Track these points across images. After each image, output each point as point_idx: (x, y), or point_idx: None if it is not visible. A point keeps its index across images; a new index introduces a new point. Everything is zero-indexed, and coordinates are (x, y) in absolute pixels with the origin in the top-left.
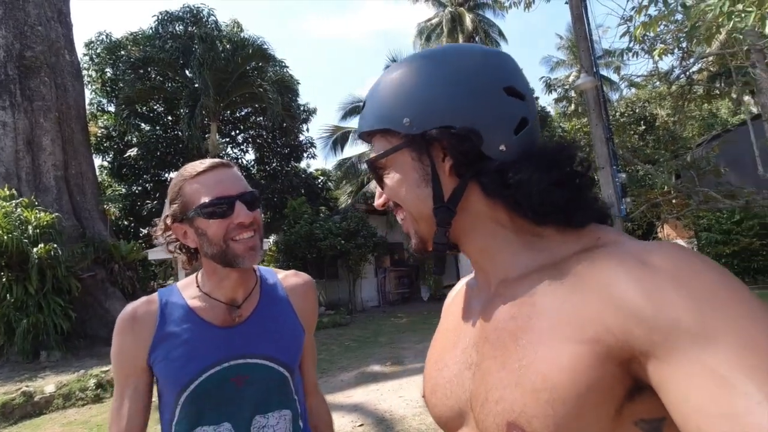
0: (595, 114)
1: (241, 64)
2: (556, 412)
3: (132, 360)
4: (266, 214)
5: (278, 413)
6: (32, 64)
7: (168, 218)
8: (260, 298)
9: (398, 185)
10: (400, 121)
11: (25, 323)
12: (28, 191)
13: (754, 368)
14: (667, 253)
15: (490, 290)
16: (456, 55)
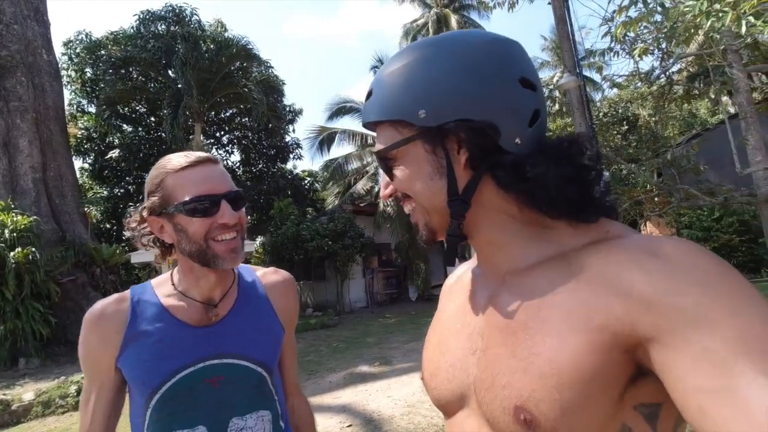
0: (578, 113)
1: (226, 64)
2: (562, 396)
3: (98, 360)
4: (252, 216)
5: (256, 414)
6: (8, 64)
7: (145, 210)
8: (238, 297)
9: (411, 177)
10: (415, 113)
11: (2, 330)
12: (4, 194)
13: (750, 349)
14: (673, 246)
15: (498, 280)
16: (469, 44)
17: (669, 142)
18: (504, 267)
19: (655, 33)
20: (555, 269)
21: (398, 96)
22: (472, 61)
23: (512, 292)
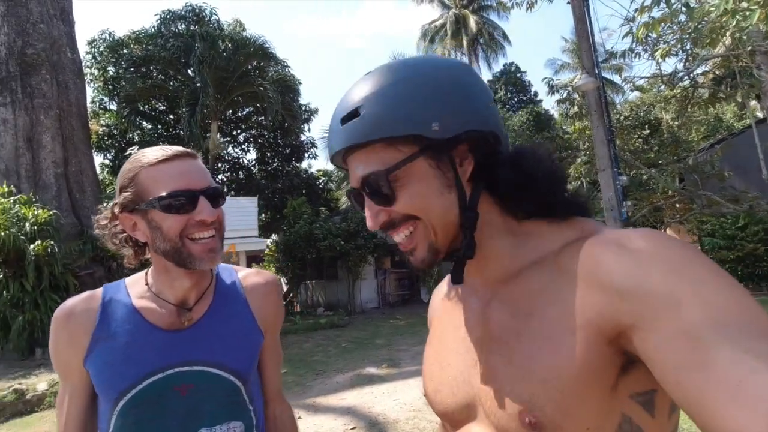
0: (596, 115)
1: (243, 63)
2: (562, 396)
3: (67, 361)
4: (266, 214)
5: (227, 425)
6: (34, 62)
7: (116, 206)
8: (213, 299)
9: (420, 196)
10: (429, 126)
11: (21, 320)
12: (27, 188)
13: (718, 322)
14: (642, 236)
15: (489, 291)
16: (455, 66)
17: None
18: (492, 276)
19: (678, 34)
20: (538, 274)
21: (407, 111)
22: (466, 80)
23: (503, 301)
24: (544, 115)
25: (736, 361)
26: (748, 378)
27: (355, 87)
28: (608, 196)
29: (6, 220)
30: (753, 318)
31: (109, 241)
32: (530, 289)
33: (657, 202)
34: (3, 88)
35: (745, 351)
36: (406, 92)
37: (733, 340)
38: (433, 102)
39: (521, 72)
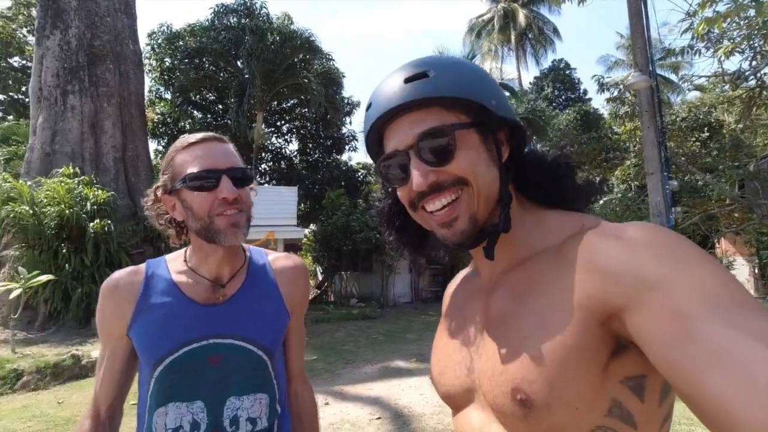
0: (647, 116)
1: (289, 56)
2: (550, 374)
3: (111, 328)
4: (305, 204)
5: (253, 396)
6: (100, 53)
7: (158, 189)
8: (246, 279)
9: (474, 161)
10: (489, 100)
11: (80, 292)
12: (89, 170)
13: (702, 301)
14: (636, 227)
15: (494, 279)
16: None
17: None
18: (501, 264)
19: (745, 30)
20: (540, 262)
21: (474, 81)
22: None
23: (505, 287)
24: (593, 115)
25: (717, 332)
26: (726, 347)
27: (414, 60)
28: (656, 201)
29: (71, 199)
30: (735, 295)
31: (155, 221)
32: (531, 275)
33: (711, 209)
34: (72, 77)
35: (726, 324)
36: (471, 70)
37: (715, 315)
38: (491, 84)
39: (570, 69)
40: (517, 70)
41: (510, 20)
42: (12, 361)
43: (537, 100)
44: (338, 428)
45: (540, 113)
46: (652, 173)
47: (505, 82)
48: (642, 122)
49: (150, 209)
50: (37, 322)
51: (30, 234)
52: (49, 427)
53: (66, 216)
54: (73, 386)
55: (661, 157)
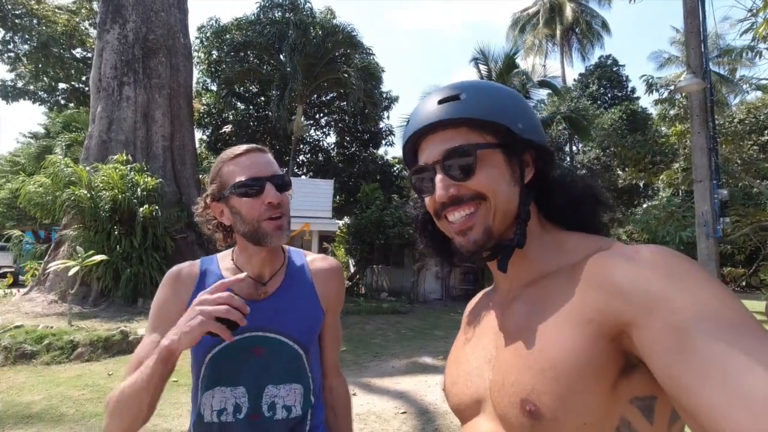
0: (698, 120)
1: (331, 50)
2: (560, 386)
3: (169, 310)
4: (340, 197)
5: (289, 386)
6: (153, 46)
7: (208, 197)
8: (285, 278)
9: (494, 178)
10: (516, 123)
11: (129, 272)
12: (140, 158)
13: (705, 319)
14: (647, 249)
15: (512, 295)
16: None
17: None
18: (519, 280)
19: None
20: (557, 280)
21: (503, 105)
22: (526, 103)
23: (521, 302)
24: (641, 114)
25: (714, 348)
26: (723, 363)
27: (452, 84)
28: (703, 210)
29: (123, 185)
30: (735, 314)
31: (204, 226)
32: (546, 291)
33: (764, 220)
34: (128, 69)
35: (723, 340)
36: (501, 93)
37: (714, 332)
38: (519, 107)
39: (618, 65)
40: (561, 66)
41: (556, 14)
42: (69, 333)
43: (581, 98)
44: (364, 420)
45: (583, 112)
46: (700, 181)
47: (548, 79)
48: (692, 127)
49: (200, 215)
50: (90, 298)
51: (87, 216)
52: (100, 396)
53: (119, 200)
54: (121, 360)
55: (711, 165)
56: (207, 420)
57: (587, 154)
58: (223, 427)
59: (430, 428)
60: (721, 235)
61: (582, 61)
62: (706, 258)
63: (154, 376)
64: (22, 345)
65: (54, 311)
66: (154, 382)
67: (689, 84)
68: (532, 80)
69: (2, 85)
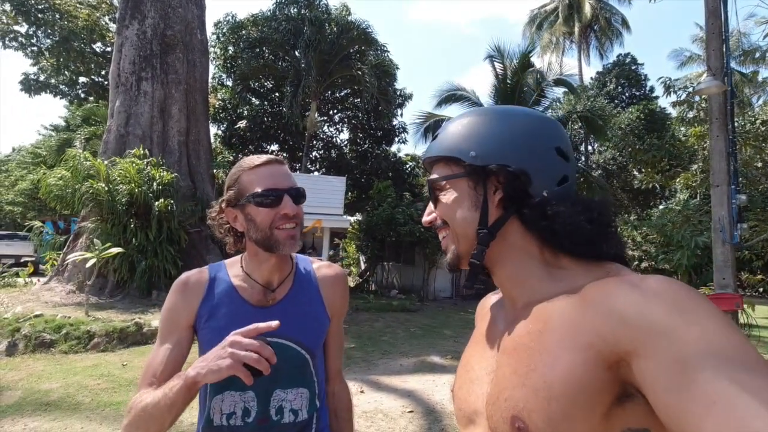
0: (717, 124)
1: (345, 47)
2: (551, 407)
3: (179, 317)
4: (352, 193)
5: (296, 390)
6: (171, 42)
7: (224, 202)
8: (293, 285)
9: (452, 206)
10: (467, 153)
11: (144, 265)
12: (157, 152)
13: (706, 354)
14: (654, 280)
15: (515, 312)
16: (521, 114)
17: None
18: (521, 300)
19: None
20: (559, 303)
21: (457, 139)
22: (520, 126)
23: (524, 321)
24: (659, 114)
25: (715, 384)
26: (725, 401)
27: (449, 120)
28: (720, 216)
29: (140, 179)
30: (737, 350)
31: (216, 230)
32: (549, 313)
33: None
34: (147, 64)
35: (725, 377)
36: (463, 127)
37: (717, 368)
38: (476, 136)
39: (637, 64)
40: (578, 64)
41: (574, 11)
42: (86, 323)
43: (597, 97)
44: (371, 417)
45: (599, 111)
46: (717, 185)
47: (564, 77)
48: (711, 130)
49: (213, 219)
50: (106, 289)
51: (104, 209)
52: (114, 386)
53: (135, 194)
54: (135, 351)
55: (730, 170)
56: (216, 424)
57: (603, 155)
58: (232, 431)
59: (436, 428)
60: (738, 241)
61: (600, 59)
62: (722, 264)
63: (177, 402)
64: (42, 334)
65: (72, 301)
66: (177, 406)
67: (709, 86)
68: (546, 79)
69: (25, 79)
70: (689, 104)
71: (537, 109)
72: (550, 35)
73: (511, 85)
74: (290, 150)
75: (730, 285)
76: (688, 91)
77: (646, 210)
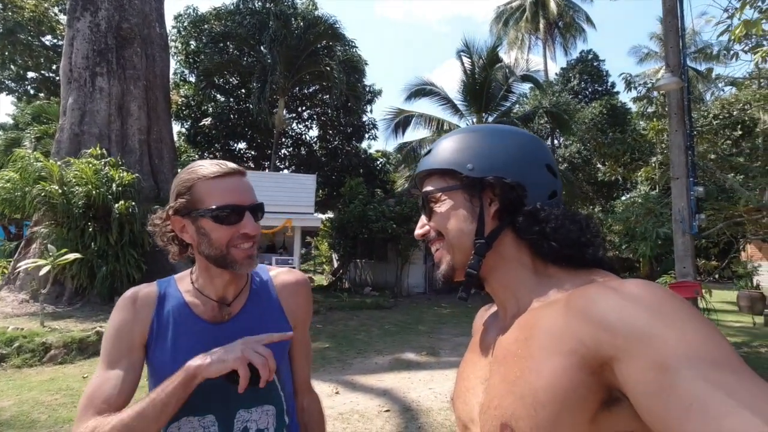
0: (676, 119)
1: (312, 42)
2: (537, 414)
3: (131, 335)
4: (324, 191)
5: (261, 408)
6: (128, 35)
7: (171, 209)
8: (249, 296)
9: (448, 217)
10: (464, 165)
11: (105, 270)
12: (115, 152)
13: (683, 354)
14: (633, 284)
15: (506, 321)
16: (513, 132)
17: None
18: (512, 309)
19: None
20: (547, 310)
21: (453, 153)
22: (514, 142)
23: (514, 329)
24: (620, 109)
25: (693, 386)
26: (705, 403)
27: (443, 136)
28: (680, 207)
29: (97, 180)
30: (717, 352)
31: (158, 237)
32: (536, 321)
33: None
34: (102, 59)
35: (709, 381)
36: (459, 142)
37: (694, 369)
38: (473, 149)
39: (599, 60)
40: (543, 61)
41: (539, 8)
42: (41, 335)
43: (562, 93)
44: (347, 419)
45: (564, 106)
46: (677, 178)
47: (530, 73)
48: (670, 125)
49: (155, 226)
50: (64, 297)
51: (59, 213)
52: (74, 400)
53: (93, 196)
54: (96, 362)
55: (688, 163)
56: None
57: (569, 148)
58: None
59: (413, 426)
60: (697, 231)
61: (564, 56)
62: (683, 254)
63: (170, 403)
64: None
65: (25, 311)
66: (170, 409)
67: (667, 83)
68: (515, 74)
69: None
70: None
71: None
72: (516, 31)
73: (480, 80)
74: (258, 148)
75: (690, 273)
76: (647, 87)
77: (610, 201)
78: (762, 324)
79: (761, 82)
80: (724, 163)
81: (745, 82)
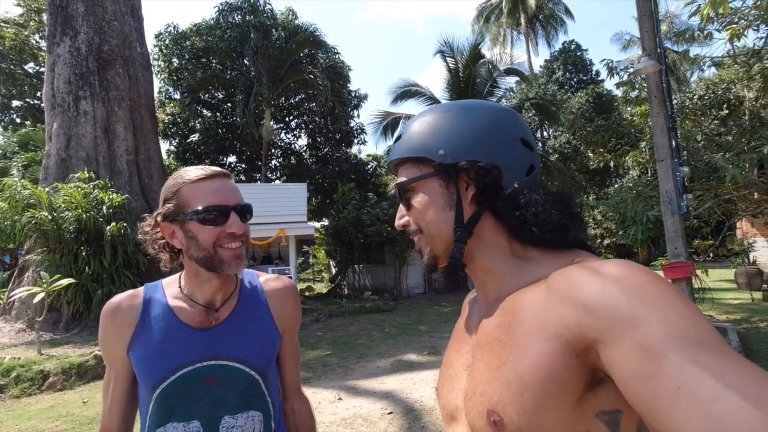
0: (656, 101)
1: (295, 51)
2: (523, 398)
3: (112, 349)
4: (317, 198)
5: (246, 414)
6: (109, 57)
7: (159, 216)
8: (238, 302)
9: (425, 207)
10: (435, 151)
11: (100, 293)
12: (104, 174)
13: (670, 339)
14: (615, 265)
15: (487, 306)
16: (485, 108)
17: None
18: (493, 293)
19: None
20: (528, 293)
21: (423, 138)
22: (486, 120)
23: (495, 314)
24: (606, 97)
25: (680, 369)
26: (691, 385)
27: (412, 119)
28: (667, 188)
29: (87, 204)
30: (700, 333)
31: (149, 245)
32: (519, 305)
33: (726, 194)
34: (84, 82)
35: (690, 361)
36: (428, 125)
37: (681, 352)
38: (443, 133)
39: (582, 50)
40: (527, 54)
41: (519, 3)
42: (38, 363)
43: (548, 84)
44: (350, 423)
45: (551, 97)
46: (662, 160)
47: (514, 66)
48: (651, 108)
49: (146, 234)
50: (61, 323)
51: (50, 239)
52: (74, 426)
53: (83, 220)
54: (97, 386)
55: (671, 144)
56: None
57: (558, 139)
58: None
59: (416, 426)
60: (686, 211)
61: (548, 48)
62: (673, 234)
63: None
64: None
65: (22, 340)
66: None
67: (645, 66)
68: (498, 69)
69: None
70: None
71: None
72: (498, 27)
73: (464, 77)
74: (249, 160)
75: (682, 254)
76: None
77: (603, 189)
78: (761, 299)
79: (737, 60)
80: (711, 143)
81: (724, 60)
